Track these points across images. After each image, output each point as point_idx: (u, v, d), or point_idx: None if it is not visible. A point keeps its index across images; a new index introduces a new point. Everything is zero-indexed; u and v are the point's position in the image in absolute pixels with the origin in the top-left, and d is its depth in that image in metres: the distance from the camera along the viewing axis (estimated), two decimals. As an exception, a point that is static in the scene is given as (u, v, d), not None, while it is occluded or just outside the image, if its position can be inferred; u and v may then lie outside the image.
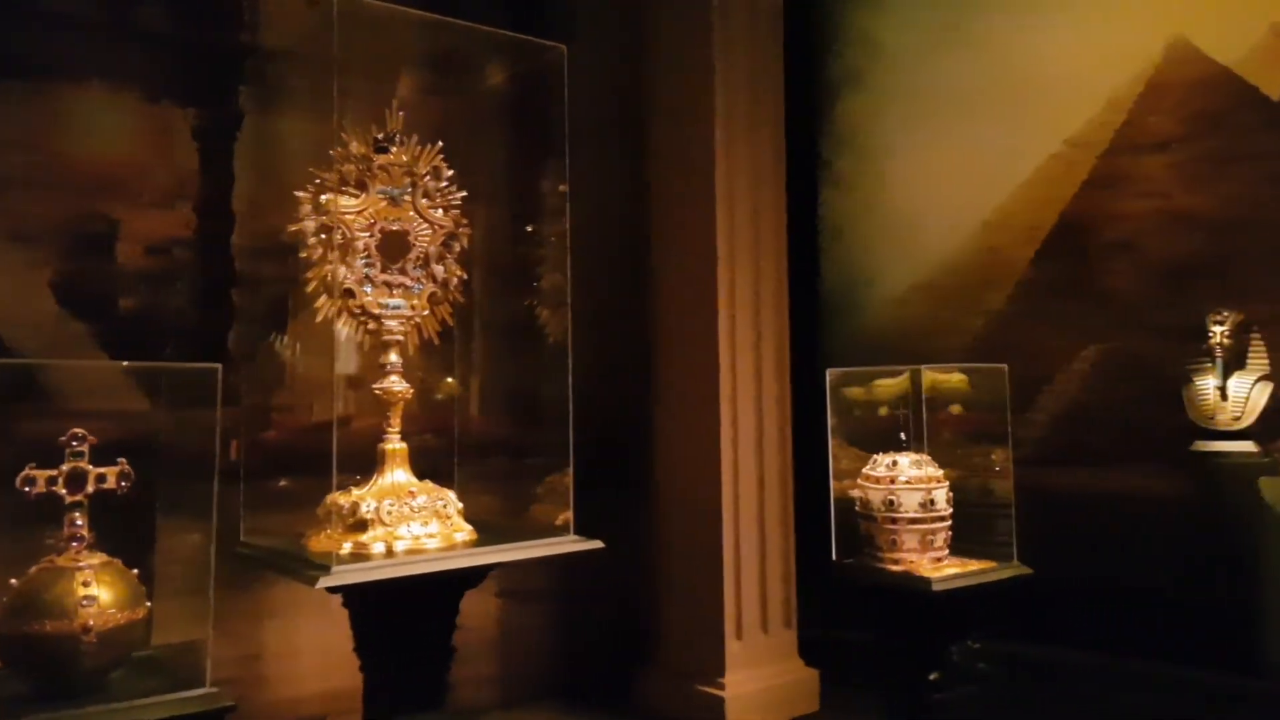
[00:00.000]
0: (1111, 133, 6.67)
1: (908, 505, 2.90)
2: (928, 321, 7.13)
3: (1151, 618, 5.68)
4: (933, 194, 7.04)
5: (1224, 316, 5.95)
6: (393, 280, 3.31)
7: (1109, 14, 6.51)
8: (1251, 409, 5.91)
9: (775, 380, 4.51)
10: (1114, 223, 6.71)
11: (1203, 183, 6.39)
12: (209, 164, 3.88)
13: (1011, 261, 7.06)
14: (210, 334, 3.86)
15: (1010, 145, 6.90)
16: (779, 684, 4.41)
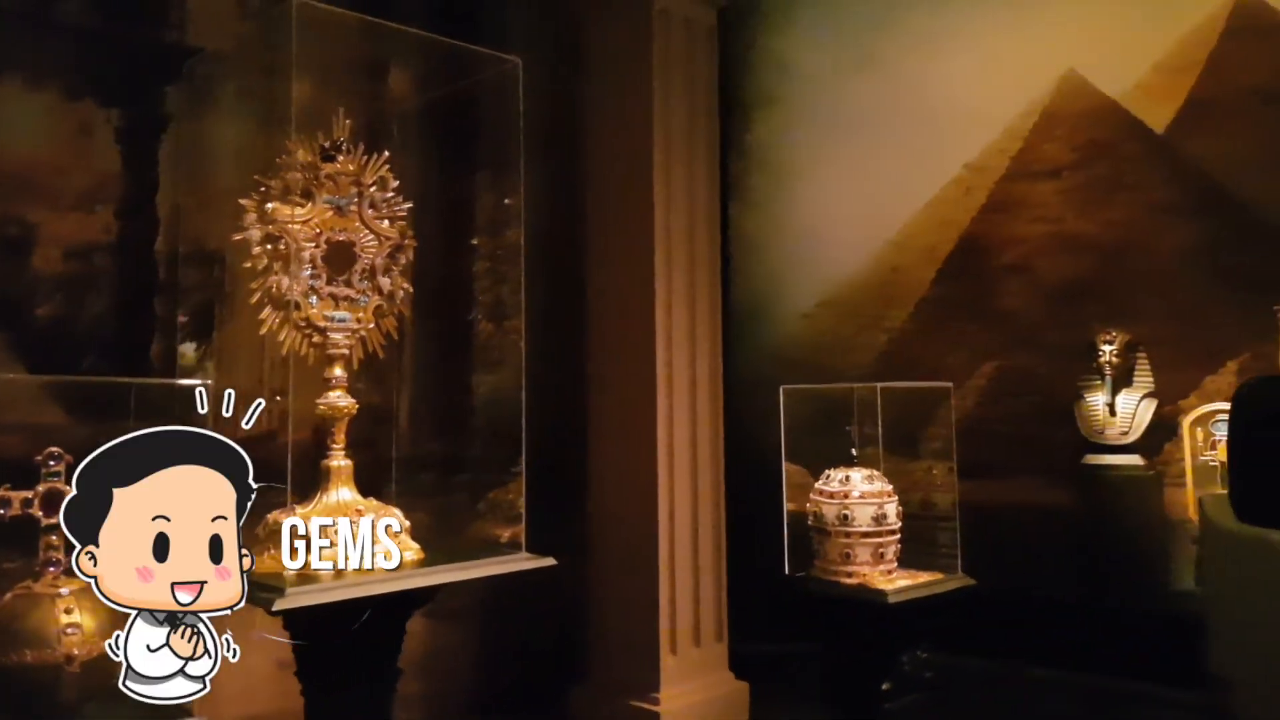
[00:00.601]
0: (1008, 159, 6.97)
1: (861, 519, 2.97)
2: (834, 337, 7.31)
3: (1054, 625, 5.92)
4: (839, 213, 7.22)
5: (1112, 336, 6.27)
6: (338, 292, 3.22)
7: (1007, 46, 6.80)
8: (1138, 424, 6.24)
9: (709, 397, 4.56)
10: (1009, 245, 7.01)
11: (1091, 209, 6.74)
12: (132, 166, 3.71)
13: (913, 280, 7.30)
14: (131, 344, 3.68)
15: (913, 168, 7.14)
16: (711, 697, 4.45)
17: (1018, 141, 6.91)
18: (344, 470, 3.18)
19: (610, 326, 4.48)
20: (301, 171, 3.16)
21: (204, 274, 3.81)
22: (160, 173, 3.76)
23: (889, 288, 7.37)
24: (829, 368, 7.32)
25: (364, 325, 3.26)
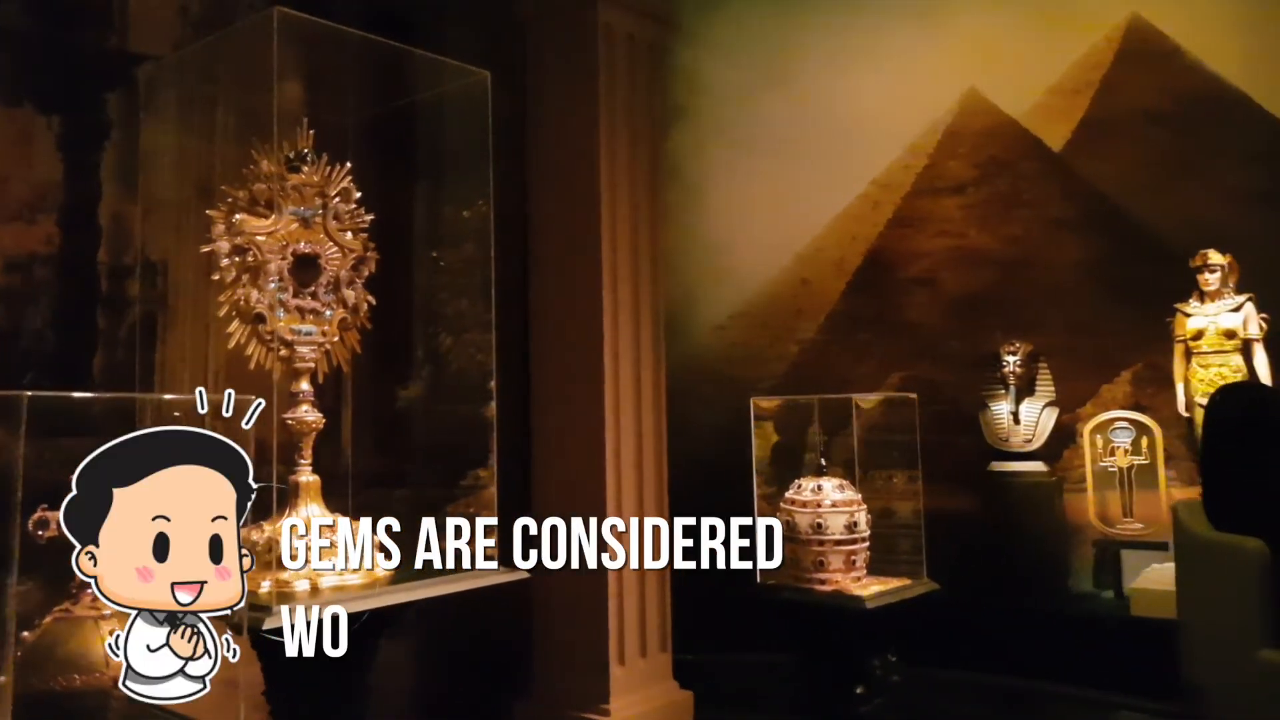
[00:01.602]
0: (914, 175, 7.26)
1: (834, 527, 3.06)
2: (747, 349, 7.45)
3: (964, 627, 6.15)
4: (751, 227, 7.35)
5: (1016, 347, 6.57)
6: (304, 305, 3.17)
7: (912, 66, 7.07)
8: (1041, 432, 6.55)
9: (653, 409, 4.62)
10: (915, 259, 7.29)
11: (992, 224, 7.07)
12: (74, 175, 3.56)
13: (823, 293, 7.52)
14: (73, 358, 3.55)
15: (823, 184, 7.36)
16: (658, 706, 4.49)
17: (923, 158, 7.20)
18: (312, 486, 3.12)
19: (555, 339, 4.50)
20: (267, 182, 3.10)
21: (147, 286, 3.71)
22: (103, 182, 3.63)
23: (800, 300, 7.56)
24: (742, 379, 7.46)
25: (329, 338, 3.22)
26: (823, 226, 7.45)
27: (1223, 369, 5.76)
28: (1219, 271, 5.80)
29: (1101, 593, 6.35)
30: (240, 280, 3.02)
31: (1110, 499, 6.29)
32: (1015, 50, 6.79)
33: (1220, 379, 5.72)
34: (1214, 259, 5.80)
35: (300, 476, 3.11)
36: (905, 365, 7.20)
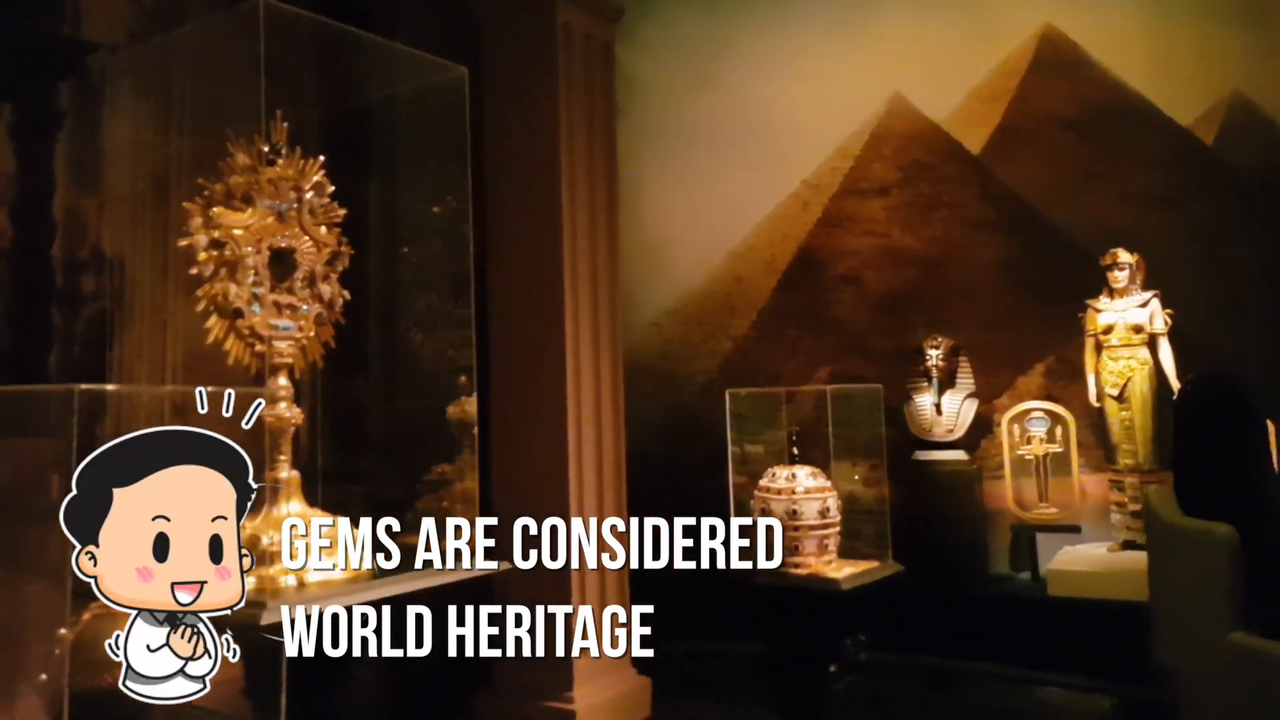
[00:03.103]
0: (841, 177, 7.46)
1: (808, 513, 3.17)
2: (681, 345, 7.58)
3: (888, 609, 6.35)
4: (684, 226, 7.48)
5: (939, 342, 6.81)
6: (281, 300, 3.16)
7: (839, 69, 7.28)
8: (962, 422, 6.80)
9: (612, 400, 4.69)
10: (842, 258, 7.50)
11: (914, 224, 7.31)
12: (27, 167, 3.47)
13: (755, 290, 7.68)
14: (28, 354, 3.45)
15: (755, 183, 7.52)
16: (618, 694, 4.56)
17: (849, 160, 7.41)
18: (292, 482, 3.12)
19: (515, 334, 4.53)
20: (243, 175, 3.08)
21: (101, 280, 3.63)
22: (57, 174, 3.54)
23: (733, 297, 7.71)
24: (677, 374, 7.60)
25: (305, 334, 3.21)
26: (755, 225, 7.61)
27: (1130, 361, 6.07)
28: (1128, 269, 6.08)
29: (1018, 574, 6.61)
30: (218, 274, 3.00)
31: (1026, 485, 6.54)
32: (938, 56, 7.04)
33: (1129, 371, 6.03)
34: (1123, 257, 6.09)
35: (280, 473, 3.10)
36: (833, 360, 7.39)
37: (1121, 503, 6.04)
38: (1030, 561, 6.45)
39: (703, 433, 7.27)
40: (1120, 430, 6.04)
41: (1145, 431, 5.97)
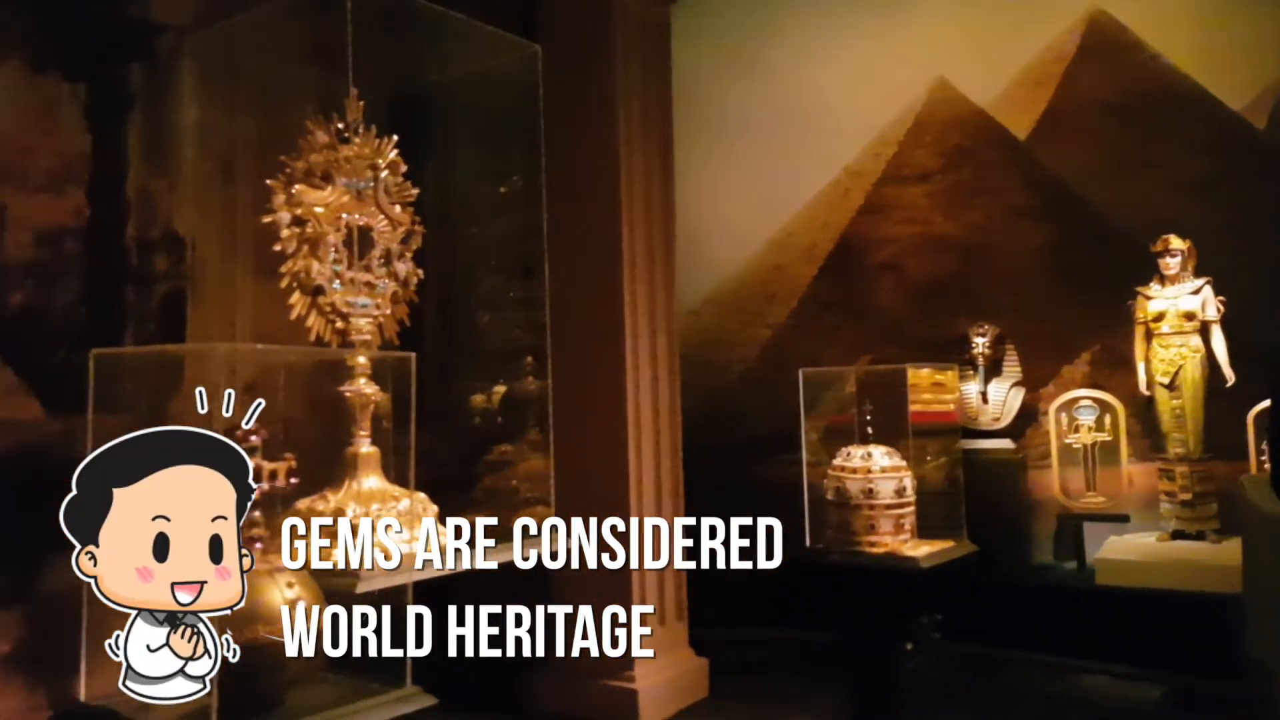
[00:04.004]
0: (883, 163, 7.43)
1: (884, 492, 3.17)
2: (719, 333, 7.56)
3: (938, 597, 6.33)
4: (723, 213, 7.44)
5: (985, 329, 6.79)
6: (359, 278, 3.16)
7: (882, 53, 7.25)
8: (1008, 411, 6.78)
9: (668, 382, 4.69)
10: (883, 245, 7.47)
11: (956, 211, 7.27)
12: (101, 147, 3.48)
13: (794, 278, 7.67)
14: (104, 333, 3.47)
15: (795, 171, 7.50)
16: (677, 674, 4.58)
17: (892, 146, 7.38)
18: (372, 457, 3.11)
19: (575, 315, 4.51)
20: (321, 153, 3.08)
21: (173, 261, 3.65)
22: (129, 154, 3.55)
23: (771, 285, 7.70)
24: (714, 363, 7.58)
25: (382, 311, 3.21)
26: (795, 213, 7.59)
27: (1182, 349, 6.02)
28: (1179, 256, 6.04)
29: (1063, 564, 6.57)
30: (300, 251, 3.00)
31: (1073, 475, 6.50)
32: (983, 40, 7.00)
33: (1180, 359, 5.99)
34: (1175, 244, 6.05)
35: (360, 448, 3.10)
36: (873, 349, 7.37)
37: (1171, 492, 6.00)
38: (1076, 551, 6.41)
39: (741, 421, 7.27)
40: (1170, 419, 6.00)
41: (1196, 420, 5.93)
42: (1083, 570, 6.25)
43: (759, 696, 5.03)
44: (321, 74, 3.87)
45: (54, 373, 3.26)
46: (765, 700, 4.99)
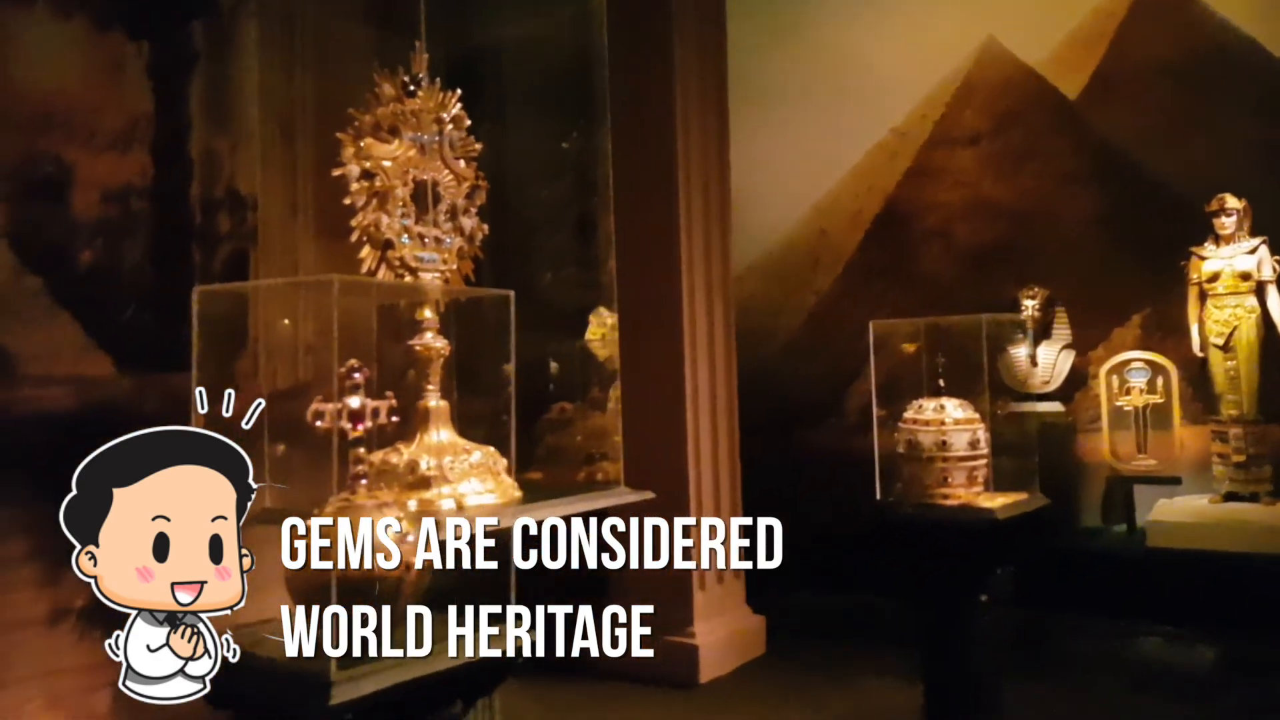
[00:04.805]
0: (931, 126, 7.34)
1: (958, 445, 3.14)
2: (764, 300, 7.51)
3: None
4: (767, 178, 7.36)
5: (1035, 292, 6.72)
6: (426, 232, 3.15)
7: (930, 13, 7.14)
8: (1058, 374, 6.72)
9: (724, 343, 4.68)
10: (931, 210, 7.39)
11: (1006, 175, 7.18)
12: (164, 105, 3.49)
13: (840, 244, 7.61)
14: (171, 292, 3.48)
15: (840, 133, 7.42)
16: (737, 630, 4.62)
17: (939, 108, 7.28)
18: (442, 411, 3.12)
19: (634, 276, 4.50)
20: (388, 106, 3.07)
21: (237, 221, 3.66)
22: (192, 113, 3.56)
23: (817, 251, 7.65)
24: (759, 330, 7.53)
25: (449, 267, 3.21)
26: (841, 177, 7.53)
27: (1237, 310, 5.93)
28: (1235, 215, 5.94)
29: (1112, 527, 6.52)
30: (370, 205, 2.99)
31: (1123, 437, 6.44)
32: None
33: (1235, 319, 5.90)
34: (1231, 203, 5.95)
35: (430, 402, 3.11)
36: (920, 314, 7.27)
37: (1224, 454, 5.93)
38: (1127, 514, 6.36)
39: (786, 390, 7.24)
40: (1225, 380, 5.92)
41: (1251, 381, 5.85)
42: (1133, 533, 6.21)
43: (820, 657, 5.05)
44: (379, 32, 3.88)
45: (123, 330, 3.29)
46: (826, 660, 5.00)
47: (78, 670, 3.19)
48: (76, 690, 3.21)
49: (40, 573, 3.06)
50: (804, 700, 4.48)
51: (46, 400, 3.12)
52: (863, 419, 7.32)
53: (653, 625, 4.52)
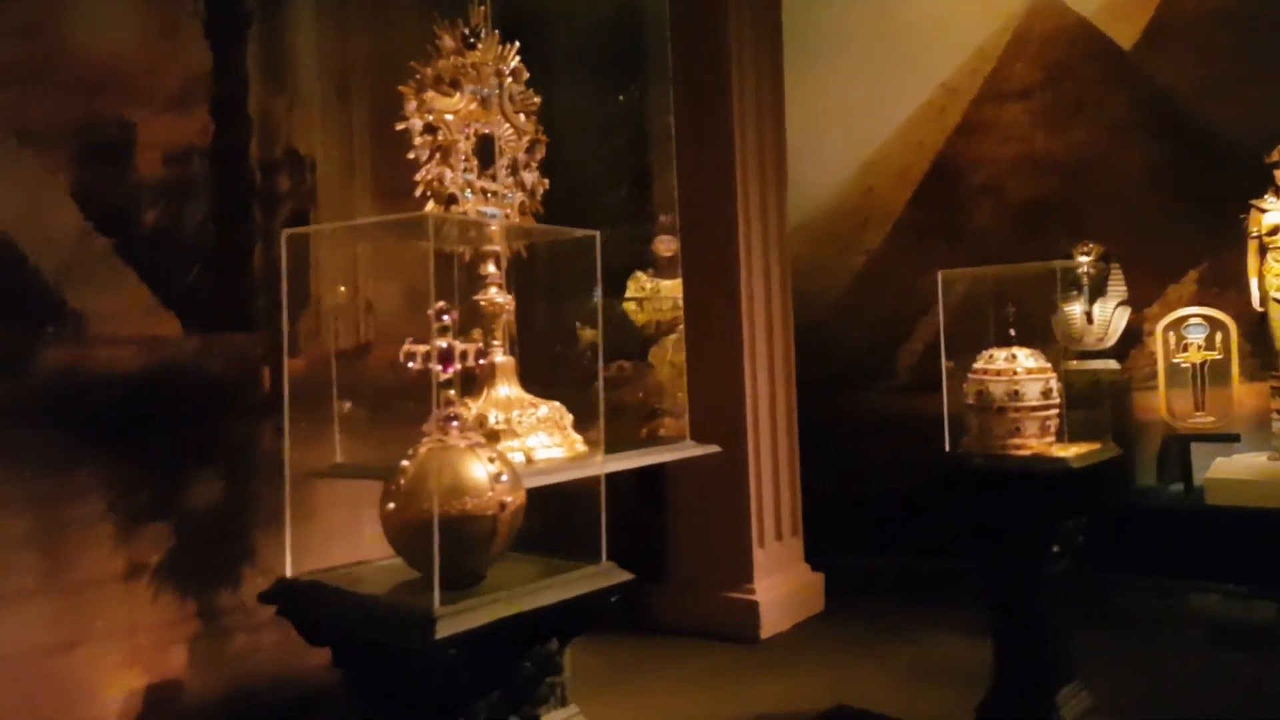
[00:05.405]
0: (981, 80, 7.20)
1: (1030, 395, 3.08)
2: (810, 260, 7.41)
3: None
4: (813, 136, 7.22)
5: (1089, 248, 6.61)
6: (488, 187, 3.14)
7: (982, -39, 6.99)
8: (1114, 331, 6.62)
9: (781, 307, 4.65)
10: (981, 166, 7.27)
11: (1058, 129, 7.04)
12: (221, 65, 3.49)
13: (889, 202, 7.51)
14: (233, 252, 3.50)
15: (887, 90, 7.30)
16: (796, 586, 4.62)
17: (990, 62, 7.14)
18: (507, 366, 3.12)
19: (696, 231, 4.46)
20: (450, 59, 3.05)
21: (295, 181, 3.66)
22: (249, 72, 3.55)
23: (864, 210, 7.55)
24: (805, 291, 7.43)
25: (511, 222, 3.19)
26: (888, 134, 7.42)
27: (1298, 263, 5.80)
28: (1298, 166, 5.79)
29: (1167, 486, 6.44)
30: (433, 159, 2.98)
31: (1180, 395, 6.34)
32: (1087, -58, 6.69)
33: (1295, 274, 5.79)
34: (1293, 153, 5.80)
35: (495, 357, 3.10)
36: (971, 274, 7.19)
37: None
38: (1184, 472, 6.27)
39: (835, 351, 7.18)
40: (1285, 335, 5.82)
41: (1312, 336, 5.75)
42: (1190, 491, 6.12)
43: (879, 614, 5.04)
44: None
45: (189, 291, 3.31)
46: (886, 617, 5.00)
47: (154, 626, 3.24)
48: (152, 646, 3.25)
49: (116, 529, 3.09)
50: (867, 655, 4.48)
51: (117, 360, 3.15)
52: (914, 379, 7.27)
53: (708, 583, 4.56)
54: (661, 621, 4.64)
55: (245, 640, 3.44)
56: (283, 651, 3.40)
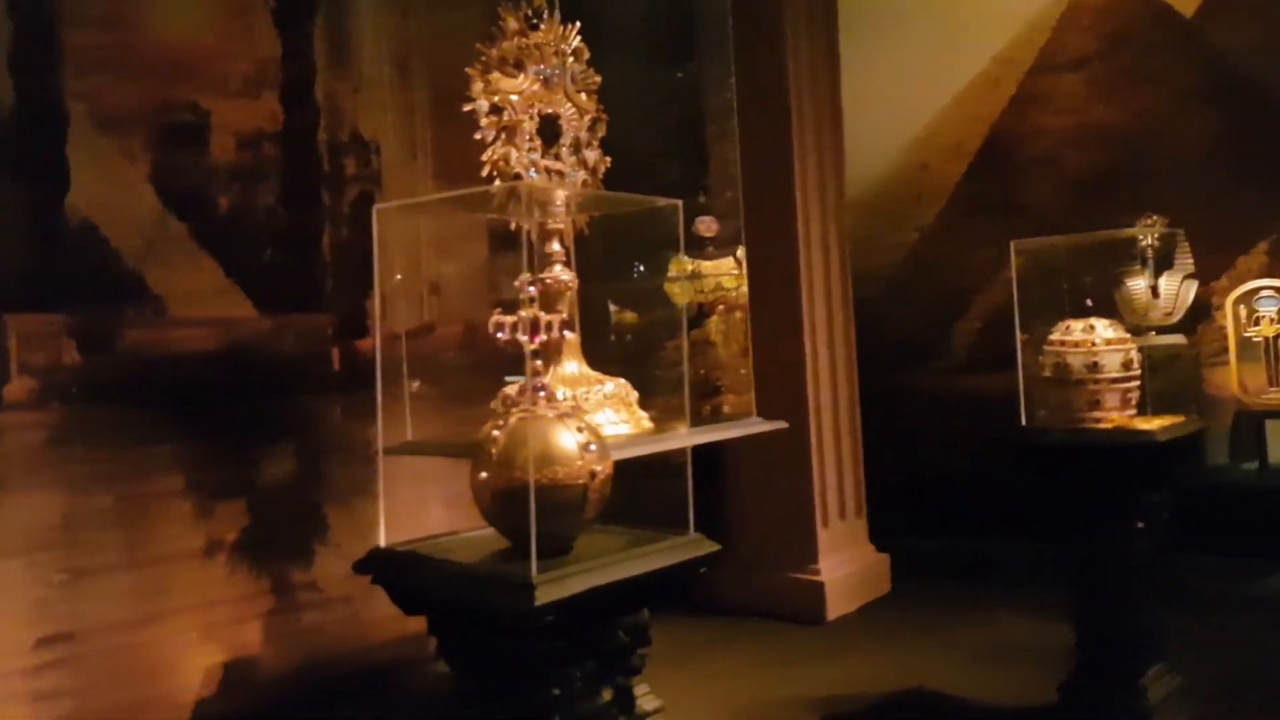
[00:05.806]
0: (1035, 51, 7.08)
1: (1110, 366, 3.03)
2: (864, 236, 7.32)
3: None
4: (864, 110, 7.10)
5: (1154, 220, 6.46)
6: (552, 166, 3.16)
7: (1035, -68, 6.86)
8: (1181, 304, 6.47)
9: (840, 282, 4.63)
10: (1037, 138, 7.16)
11: (1117, 99, 6.91)
12: (290, 50, 3.54)
13: (942, 177, 7.42)
14: (304, 235, 3.56)
15: (940, 63, 7.21)
16: (860, 567, 4.59)
17: (1044, 33, 7.01)
18: (572, 344, 3.14)
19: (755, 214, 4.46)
20: (513, 40, 3.07)
21: (361, 164, 3.71)
22: (315, 58, 3.60)
23: (917, 186, 7.47)
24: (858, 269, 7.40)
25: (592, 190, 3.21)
26: (941, 107, 7.32)
27: (1374, 231, 5.65)
28: (1371, 131, 5.63)
29: (1239, 464, 6.30)
30: (499, 139, 3.00)
31: (1252, 370, 6.21)
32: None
33: (1374, 239, 5.64)
34: (1366, 118, 5.64)
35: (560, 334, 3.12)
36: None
37: (1361, 385, 5.70)
38: (1259, 450, 6.14)
39: (889, 329, 7.11)
40: (1362, 306, 5.67)
41: (1389, 307, 5.61)
42: (1265, 469, 5.99)
43: (947, 596, 4.99)
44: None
45: (262, 272, 3.37)
46: (954, 599, 4.95)
47: (230, 601, 3.31)
48: (229, 621, 3.33)
49: (195, 506, 3.17)
50: (936, 637, 4.44)
51: (194, 341, 3.22)
52: (971, 357, 7.20)
53: (772, 563, 4.56)
54: (723, 602, 4.63)
55: (316, 617, 3.51)
56: (351, 627, 3.46)
